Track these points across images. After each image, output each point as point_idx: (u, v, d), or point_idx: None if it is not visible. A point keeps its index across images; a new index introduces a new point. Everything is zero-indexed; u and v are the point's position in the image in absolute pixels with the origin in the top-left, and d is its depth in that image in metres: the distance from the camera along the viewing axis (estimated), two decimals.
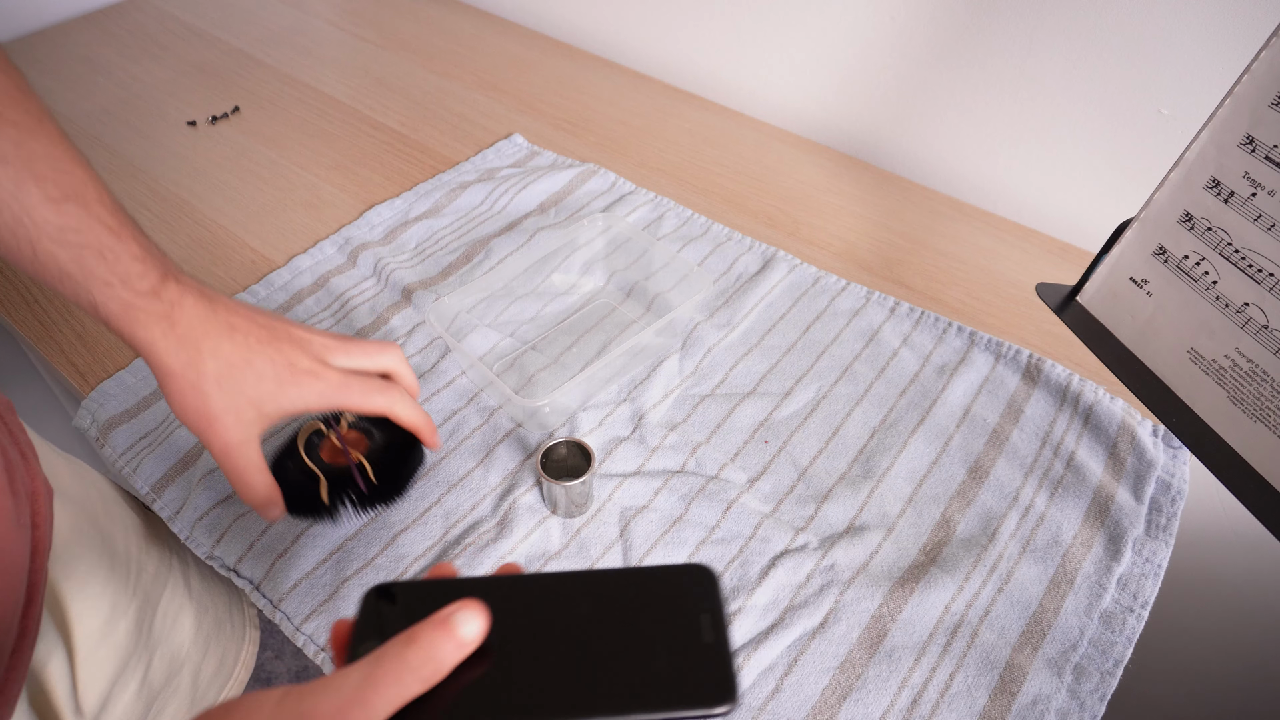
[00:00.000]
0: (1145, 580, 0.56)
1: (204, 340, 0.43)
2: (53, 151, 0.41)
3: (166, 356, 0.43)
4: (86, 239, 0.40)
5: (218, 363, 0.43)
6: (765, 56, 0.98)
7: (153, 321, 0.42)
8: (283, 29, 1.16)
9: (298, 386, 0.45)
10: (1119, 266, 0.54)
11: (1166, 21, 0.69)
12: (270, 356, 0.45)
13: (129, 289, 0.42)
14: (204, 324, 0.43)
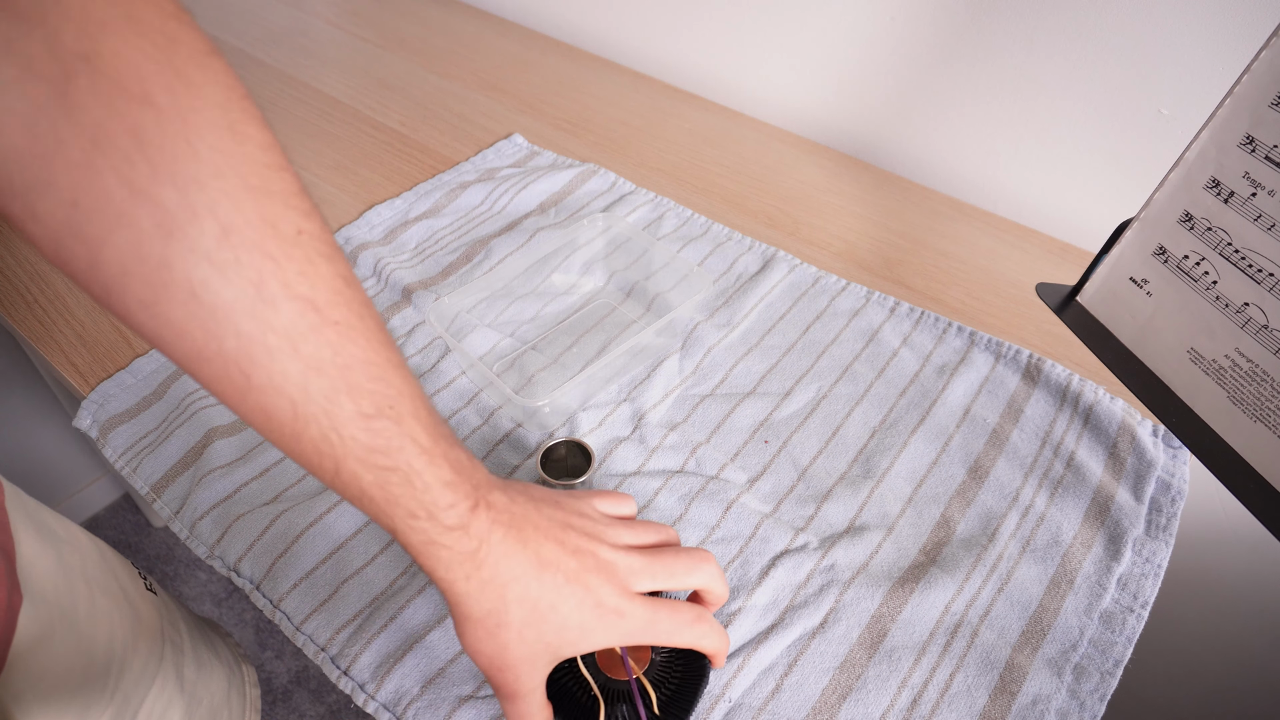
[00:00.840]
0: (1145, 580, 0.56)
1: (511, 586, 0.38)
2: (372, 357, 0.34)
3: (468, 601, 0.38)
4: (396, 462, 0.35)
5: (523, 611, 0.39)
6: (765, 56, 0.98)
7: (457, 563, 0.37)
8: (283, 29, 1.16)
9: (603, 629, 0.40)
10: (1119, 266, 0.54)
11: (1167, 22, 0.69)
12: (579, 598, 0.40)
13: (435, 523, 0.36)
14: (512, 564, 0.38)
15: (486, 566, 0.38)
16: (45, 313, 0.74)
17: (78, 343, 0.71)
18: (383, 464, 0.34)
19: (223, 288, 0.30)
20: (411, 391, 0.36)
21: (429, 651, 0.52)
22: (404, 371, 0.36)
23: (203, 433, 0.63)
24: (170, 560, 1.44)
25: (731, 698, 0.50)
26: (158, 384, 0.67)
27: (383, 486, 0.35)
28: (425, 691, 0.50)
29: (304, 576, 0.56)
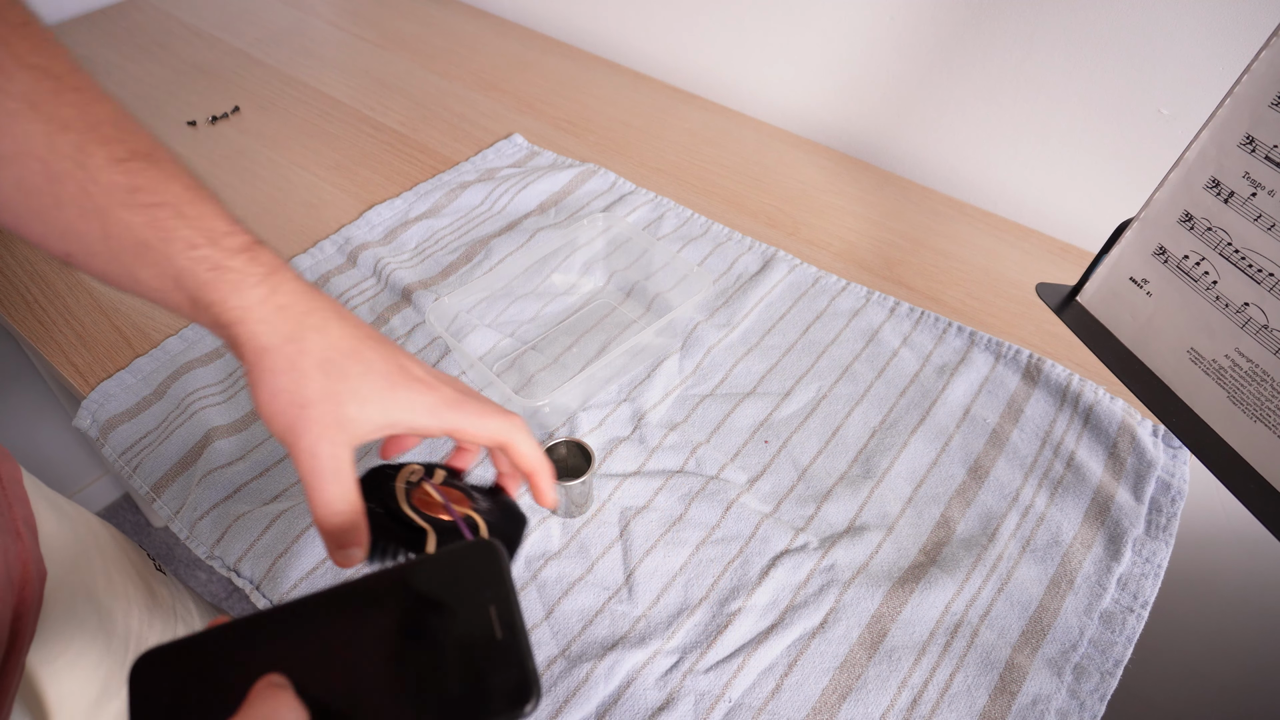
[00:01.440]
0: (1145, 580, 0.56)
1: (310, 315, 0.36)
2: (118, 118, 0.35)
3: (261, 326, 0.35)
4: (162, 198, 0.34)
5: (324, 341, 0.36)
6: (765, 56, 0.98)
7: (249, 286, 0.35)
8: (283, 29, 1.16)
9: (409, 391, 0.37)
10: (1119, 266, 0.54)
11: (1167, 22, 0.69)
12: (382, 353, 0.37)
13: (217, 247, 0.35)
14: (309, 299, 0.36)
15: (283, 292, 0.36)
16: (45, 313, 0.74)
17: (78, 343, 0.71)
18: (148, 201, 0.34)
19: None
20: (165, 147, 0.36)
21: None
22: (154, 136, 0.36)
23: (203, 433, 0.63)
24: (170, 560, 1.45)
25: (731, 698, 0.50)
26: (158, 384, 0.67)
27: (155, 225, 0.34)
28: None
29: (304, 576, 0.56)
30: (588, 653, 0.52)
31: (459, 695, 0.27)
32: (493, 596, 0.28)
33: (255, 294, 0.35)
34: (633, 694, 0.50)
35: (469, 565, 0.29)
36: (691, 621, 0.54)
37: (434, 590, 0.28)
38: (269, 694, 0.26)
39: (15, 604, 0.42)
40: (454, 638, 0.28)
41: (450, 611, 0.28)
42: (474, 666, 0.27)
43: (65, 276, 0.77)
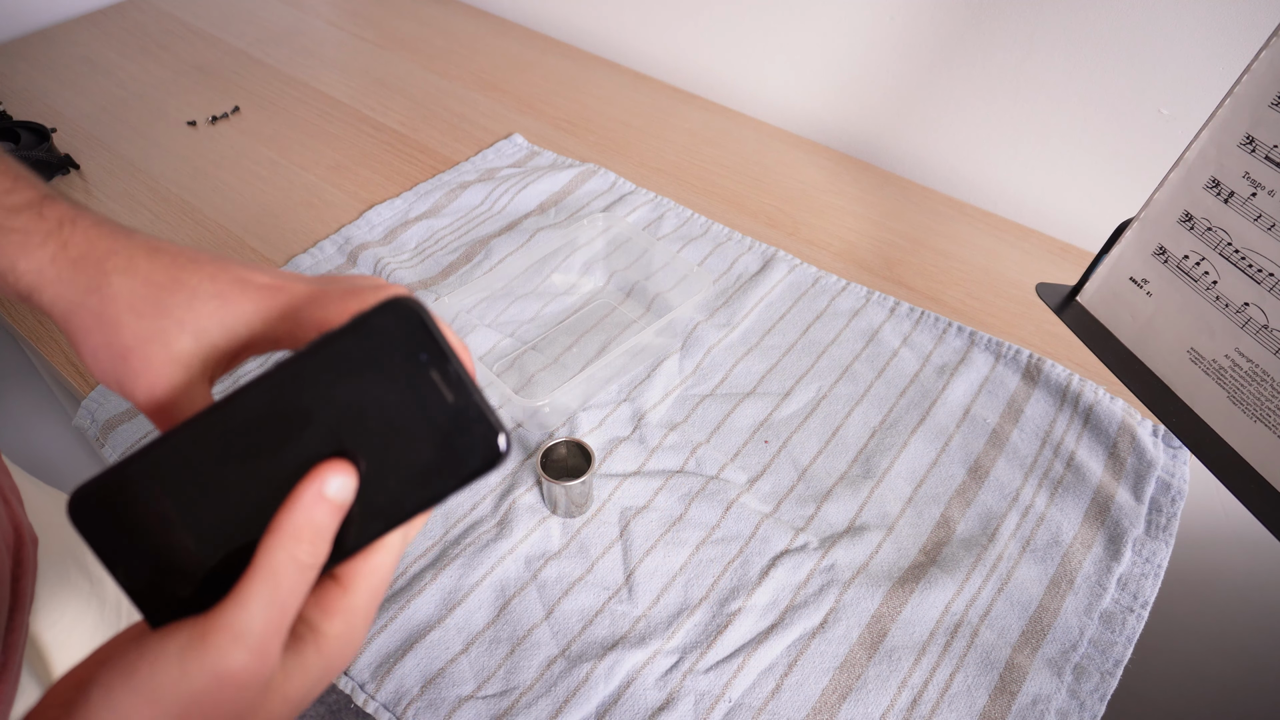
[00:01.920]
0: (1145, 580, 0.56)
1: (111, 258, 0.31)
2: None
3: (59, 288, 0.31)
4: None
5: (132, 282, 0.31)
6: (765, 56, 0.98)
7: (34, 245, 0.30)
8: (283, 29, 1.15)
9: (250, 302, 0.31)
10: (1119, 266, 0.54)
11: (1167, 22, 0.69)
12: (211, 272, 0.31)
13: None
14: (109, 241, 0.31)
15: (75, 244, 0.31)
16: None
17: None
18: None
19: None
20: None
21: (429, 651, 0.52)
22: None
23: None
24: None
25: (731, 698, 0.50)
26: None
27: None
28: (425, 691, 0.50)
29: None
30: (588, 653, 0.52)
31: (427, 465, 0.26)
32: (430, 360, 0.26)
33: (44, 253, 0.31)
34: (633, 694, 0.50)
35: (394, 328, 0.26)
36: (691, 621, 0.54)
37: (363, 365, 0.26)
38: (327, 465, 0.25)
39: (13, 566, 0.43)
40: (404, 410, 0.26)
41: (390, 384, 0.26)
42: (435, 433, 0.26)
43: None
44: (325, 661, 0.26)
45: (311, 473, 0.25)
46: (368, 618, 0.27)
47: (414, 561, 0.56)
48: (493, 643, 0.53)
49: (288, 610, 0.24)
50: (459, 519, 0.59)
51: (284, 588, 0.24)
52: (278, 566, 0.24)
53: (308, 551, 0.25)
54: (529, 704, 0.50)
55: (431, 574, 0.55)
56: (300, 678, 0.25)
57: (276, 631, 0.24)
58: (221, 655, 0.23)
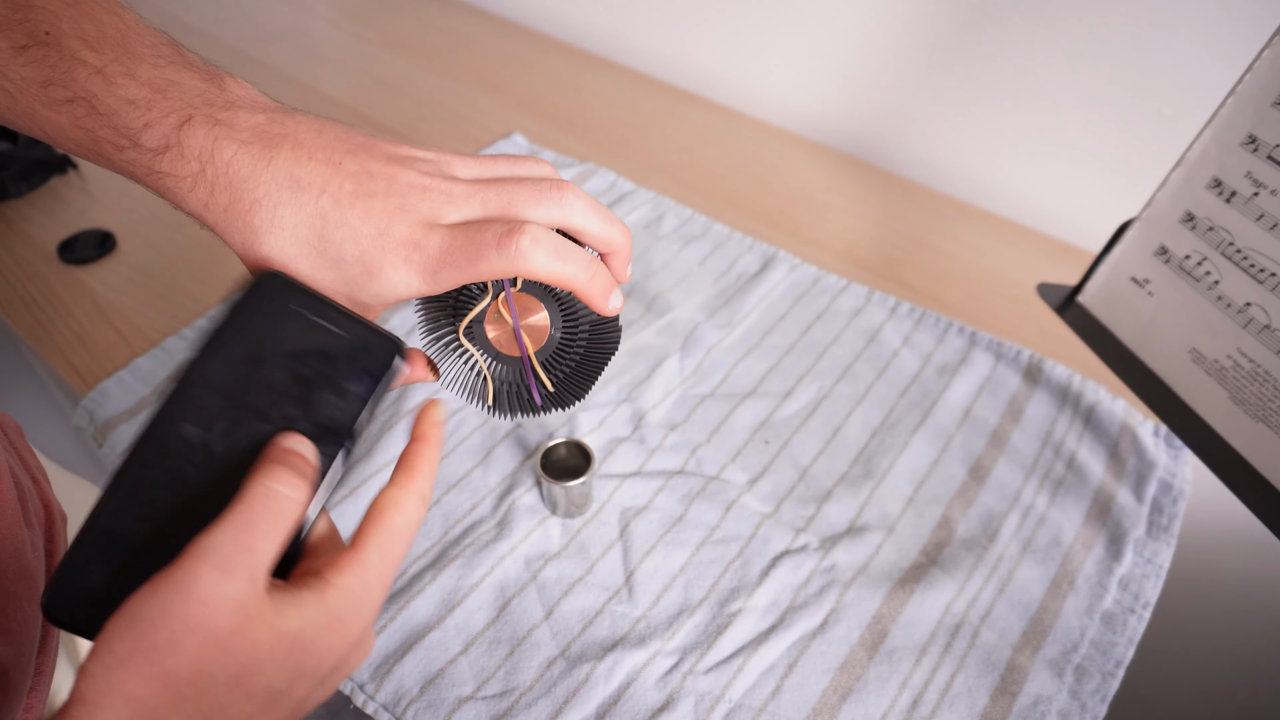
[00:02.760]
0: (1147, 581, 0.56)
1: (255, 212, 0.30)
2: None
3: (220, 231, 0.31)
4: (74, 91, 0.30)
5: (280, 240, 0.30)
6: (765, 56, 0.98)
7: (186, 190, 0.30)
8: (283, 29, 1.15)
9: (394, 268, 0.31)
10: (1120, 266, 0.54)
11: (1168, 21, 0.69)
12: (352, 226, 0.31)
13: (140, 150, 0.30)
14: (252, 187, 0.30)
15: (219, 192, 0.30)
16: (43, 313, 0.74)
17: (76, 343, 0.71)
18: (63, 97, 0.30)
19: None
20: (76, 12, 0.31)
21: (429, 652, 0.52)
22: (67, 10, 0.31)
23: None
24: None
25: (732, 698, 0.50)
26: (157, 384, 0.67)
27: (79, 125, 0.30)
28: (425, 692, 0.50)
29: None
30: (588, 653, 0.52)
31: (346, 393, 0.29)
32: (308, 307, 0.29)
33: (196, 200, 0.31)
34: (633, 695, 0.50)
35: (270, 296, 0.29)
36: (692, 622, 0.53)
37: (255, 338, 0.29)
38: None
39: (45, 542, 0.43)
40: (306, 358, 0.29)
41: (283, 341, 0.29)
42: (341, 366, 0.29)
43: (63, 276, 0.77)
44: (328, 609, 0.26)
45: (268, 445, 0.27)
46: (382, 577, 0.28)
47: (413, 562, 0.56)
48: (492, 643, 0.53)
49: (257, 531, 0.25)
50: (458, 519, 0.59)
51: (255, 509, 0.25)
52: (249, 494, 0.25)
53: (281, 478, 0.26)
54: (529, 705, 0.50)
55: (431, 574, 0.55)
56: (294, 614, 0.25)
57: (245, 549, 0.24)
58: (186, 572, 0.24)
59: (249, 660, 0.24)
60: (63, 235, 0.80)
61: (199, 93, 0.31)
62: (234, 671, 0.24)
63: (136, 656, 0.23)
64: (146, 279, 0.77)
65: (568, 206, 0.33)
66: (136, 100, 0.30)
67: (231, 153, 0.30)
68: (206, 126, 0.30)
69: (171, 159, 0.30)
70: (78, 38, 0.30)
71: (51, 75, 0.30)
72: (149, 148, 0.30)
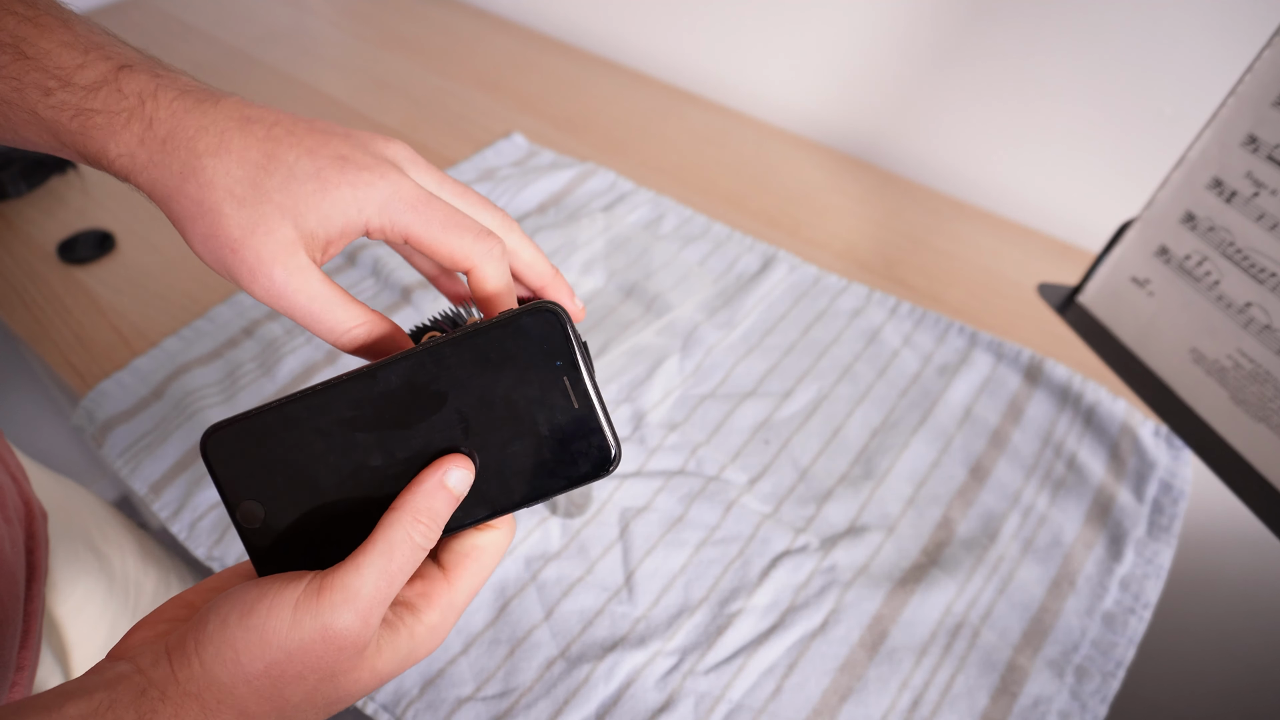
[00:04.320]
0: (1147, 581, 0.56)
1: (200, 137, 0.29)
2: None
3: (153, 171, 0.29)
4: (1, 38, 0.28)
5: (225, 163, 0.29)
6: (765, 56, 0.98)
7: (119, 126, 0.29)
8: (282, 29, 1.15)
9: (351, 186, 0.30)
10: (1121, 266, 0.54)
11: (1169, 21, 0.69)
12: (308, 147, 0.30)
13: (72, 88, 0.29)
14: (197, 116, 0.29)
15: (160, 122, 0.29)
16: (43, 313, 0.74)
17: (75, 343, 0.71)
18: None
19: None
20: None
21: None
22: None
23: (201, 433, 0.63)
24: None
25: (732, 699, 0.50)
26: (156, 384, 0.67)
27: (3, 72, 0.29)
28: (425, 692, 0.50)
29: None
30: (587, 654, 0.52)
31: (543, 463, 0.28)
32: (563, 366, 0.28)
33: (130, 135, 0.29)
34: (633, 695, 0.50)
35: (536, 332, 0.28)
36: (692, 622, 0.53)
37: (505, 359, 0.27)
38: (448, 460, 0.27)
39: (26, 538, 0.43)
40: (532, 406, 0.28)
41: (522, 383, 0.28)
42: (555, 434, 0.28)
43: (63, 276, 0.77)
44: (413, 646, 0.27)
45: (437, 462, 0.27)
46: (459, 614, 0.29)
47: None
48: (492, 644, 0.53)
49: (395, 584, 0.26)
50: None
51: (396, 563, 0.26)
52: (395, 542, 0.26)
53: (423, 534, 0.26)
54: (528, 705, 0.50)
55: None
56: (390, 654, 0.27)
57: (382, 602, 0.25)
58: (333, 613, 0.24)
59: (345, 694, 0.26)
60: (62, 235, 0.80)
61: (138, 55, 0.30)
62: (331, 700, 0.26)
63: (263, 680, 0.24)
64: (146, 279, 0.77)
65: (515, 245, 0.34)
66: (72, 44, 0.29)
67: (174, 94, 0.29)
68: (148, 74, 0.29)
69: (106, 95, 0.29)
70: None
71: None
72: (81, 85, 0.29)
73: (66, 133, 0.29)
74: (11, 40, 0.28)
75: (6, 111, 0.29)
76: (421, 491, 0.27)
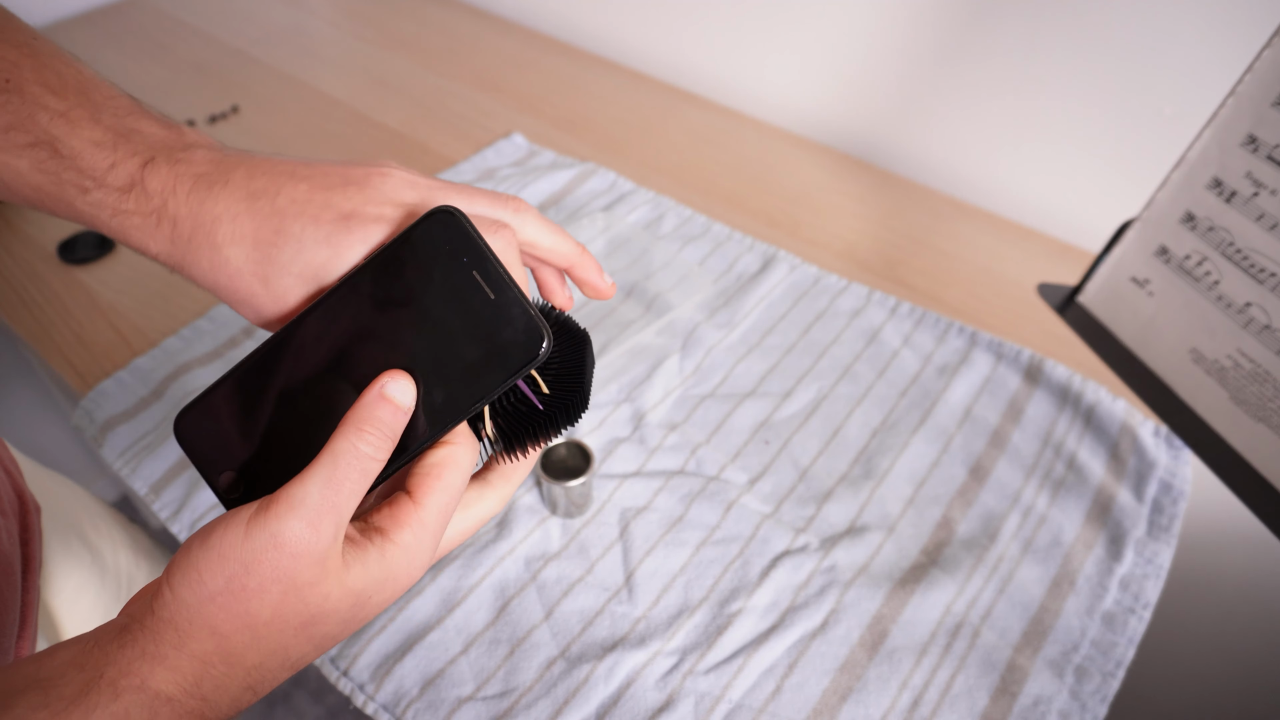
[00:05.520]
0: (1147, 581, 0.56)
1: (216, 229, 0.31)
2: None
3: (191, 268, 0.32)
4: (35, 135, 0.31)
5: (243, 249, 0.31)
6: (765, 56, 0.98)
7: (152, 228, 0.32)
8: (282, 29, 1.15)
9: (363, 243, 0.31)
10: (1120, 266, 0.54)
11: (1169, 21, 0.69)
12: (312, 215, 0.32)
13: (107, 190, 0.31)
14: (211, 206, 0.32)
15: (182, 221, 0.31)
16: (43, 313, 0.74)
17: (75, 343, 0.71)
18: (24, 141, 0.31)
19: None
20: (36, 62, 0.32)
21: (428, 652, 0.52)
22: (28, 43, 0.32)
23: None
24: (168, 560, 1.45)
25: (732, 699, 0.50)
26: (156, 384, 0.67)
27: (41, 169, 0.31)
28: (424, 692, 0.50)
29: None
30: (587, 654, 0.52)
31: (477, 362, 0.28)
32: (471, 261, 0.28)
33: (161, 235, 0.32)
34: (632, 695, 0.50)
35: (440, 235, 0.29)
36: (692, 622, 0.53)
37: (413, 274, 0.29)
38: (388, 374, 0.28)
39: (20, 530, 0.43)
40: (451, 309, 0.28)
41: (437, 288, 0.29)
42: (480, 330, 0.28)
43: (63, 276, 0.77)
44: (386, 565, 0.28)
45: (374, 381, 0.28)
46: (435, 536, 0.29)
47: None
48: (492, 643, 0.53)
49: (343, 490, 0.27)
50: None
51: (341, 468, 0.27)
52: (339, 451, 0.27)
53: (369, 441, 0.27)
54: (528, 705, 0.50)
55: (431, 574, 0.55)
56: (360, 571, 0.27)
57: (332, 508, 0.26)
58: (279, 521, 0.26)
59: (318, 611, 0.27)
60: (63, 235, 0.80)
61: (159, 138, 0.32)
62: (304, 619, 0.27)
63: (226, 596, 0.25)
64: (146, 279, 0.77)
65: (524, 220, 0.35)
66: (101, 142, 0.31)
67: (190, 184, 0.32)
68: (168, 165, 0.32)
69: (136, 197, 0.31)
70: (39, 84, 0.31)
71: (13, 120, 0.31)
72: (115, 186, 0.31)
73: (108, 229, 0.32)
74: (47, 139, 0.31)
75: (49, 202, 0.32)
76: (361, 404, 0.28)
